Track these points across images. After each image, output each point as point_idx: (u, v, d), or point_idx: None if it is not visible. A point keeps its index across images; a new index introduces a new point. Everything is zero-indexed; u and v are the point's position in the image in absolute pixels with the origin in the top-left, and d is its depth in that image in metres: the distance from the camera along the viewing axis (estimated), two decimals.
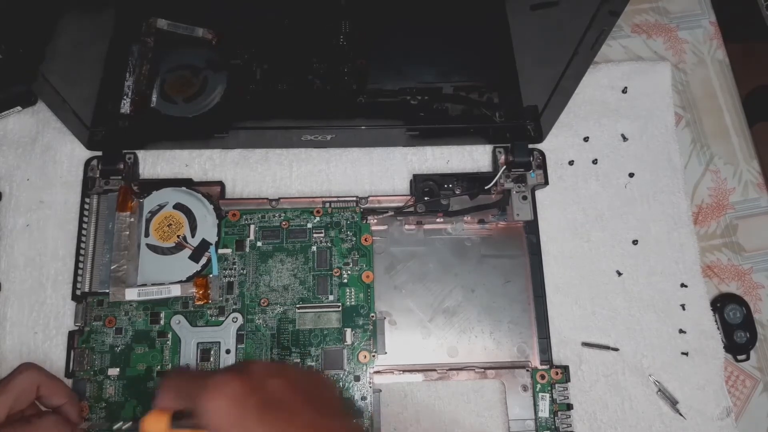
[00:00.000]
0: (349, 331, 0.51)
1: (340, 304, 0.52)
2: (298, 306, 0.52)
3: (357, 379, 0.50)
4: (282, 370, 0.38)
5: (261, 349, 0.51)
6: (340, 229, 0.54)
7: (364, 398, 0.50)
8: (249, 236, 0.53)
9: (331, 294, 0.52)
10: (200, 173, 0.57)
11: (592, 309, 0.55)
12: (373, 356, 0.51)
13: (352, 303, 0.52)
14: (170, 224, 0.52)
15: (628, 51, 0.64)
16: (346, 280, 0.52)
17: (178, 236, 0.52)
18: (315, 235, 0.53)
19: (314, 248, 0.53)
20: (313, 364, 0.50)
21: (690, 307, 0.55)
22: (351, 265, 0.53)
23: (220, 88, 0.52)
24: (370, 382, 0.50)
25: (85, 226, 0.53)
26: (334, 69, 0.49)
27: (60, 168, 0.56)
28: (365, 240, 0.53)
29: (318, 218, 0.54)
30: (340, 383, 0.50)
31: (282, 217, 0.54)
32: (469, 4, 0.44)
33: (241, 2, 0.44)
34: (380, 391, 0.51)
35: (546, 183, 0.56)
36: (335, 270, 0.53)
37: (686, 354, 0.54)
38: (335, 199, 0.55)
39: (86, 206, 0.54)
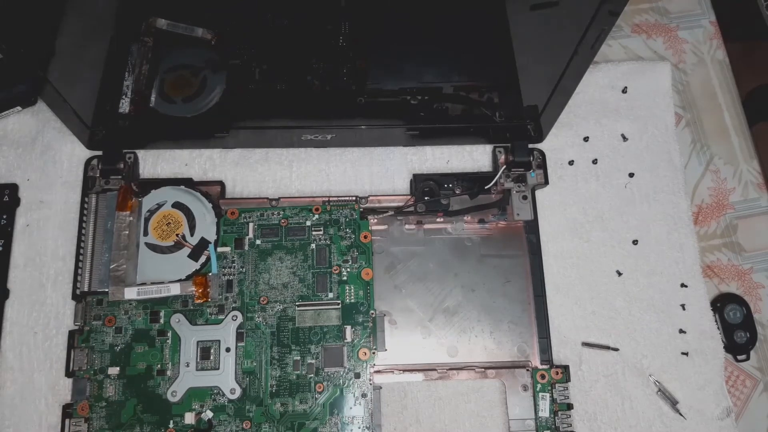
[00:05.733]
0: (349, 328, 0.51)
1: (339, 301, 0.52)
2: (297, 304, 0.52)
3: (357, 376, 0.50)
4: None
5: (261, 347, 0.51)
6: (339, 227, 0.54)
7: (364, 395, 0.50)
8: (248, 234, 0.53)
9: (330, 291, 0.52)
10: (200, 173, 0.57)
11: (592, 309, 0.55)
12: (374, 353, 0.51)
13: (352, 300, 0.52)
14: (169, 223, 0.52)
15: (628, 51, 0.64)
16: (345, 278, 0.52)
17: (177, 235, 0.52)
18: (314, 232, 0.53)
19: (313, 246, 0.53)
20: (313, 361, 0.50)
21: (690, 307, 0.55)
22: (350, 263, 0.53)
23: (219, 88, 0.52)
24: (370, 379, 0.50)
25: (84, 225, 0.53)
26: (333, 69, 0.49)
27: (60, 168, 0.56)
28: (364, 237, 0.53)
29: (317, 216, 0.54)
30: (341, 380, 0.50)
31: (281, 215, 0.54)
32: (469, 4, 0.44)
33: (241, 2, 0.44)
34: (380, 387, 0.51)
35: (546, 183, 0.56)
36: (334, 267, 0.53)
37: (686, 354, 0.54)
38: (335, 198, 0.55)
39: (86, 205, 0.54)
